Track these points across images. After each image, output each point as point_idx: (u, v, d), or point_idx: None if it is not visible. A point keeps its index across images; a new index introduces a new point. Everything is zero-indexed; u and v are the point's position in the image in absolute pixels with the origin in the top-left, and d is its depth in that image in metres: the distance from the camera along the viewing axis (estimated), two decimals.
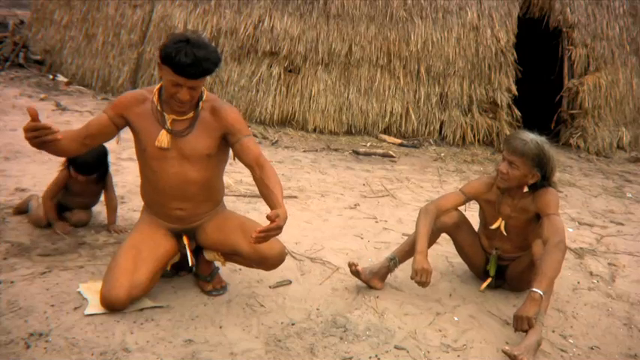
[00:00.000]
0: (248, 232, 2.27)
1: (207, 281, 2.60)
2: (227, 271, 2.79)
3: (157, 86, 2.40)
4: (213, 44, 2.26)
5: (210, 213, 2.54)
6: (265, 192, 2.28)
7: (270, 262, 2.45)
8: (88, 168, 3.00)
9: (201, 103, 2.37)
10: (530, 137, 2.57)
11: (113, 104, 2.40)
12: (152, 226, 2.49)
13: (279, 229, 2.07)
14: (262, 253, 2.38)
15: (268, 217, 2.05)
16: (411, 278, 2.55)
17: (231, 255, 2.51)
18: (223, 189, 2.64)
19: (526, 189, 2.69)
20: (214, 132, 2.38)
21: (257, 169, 2.33)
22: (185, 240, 2.54)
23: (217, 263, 2.64)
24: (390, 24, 6.70)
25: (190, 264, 2.57)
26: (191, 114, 2.37)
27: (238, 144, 2.37)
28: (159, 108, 2.36)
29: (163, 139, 2.34)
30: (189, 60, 2.13)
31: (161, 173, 2.39)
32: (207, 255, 2.60)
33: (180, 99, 2.25)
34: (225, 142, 2.42)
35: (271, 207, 2.20)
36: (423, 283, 2.53)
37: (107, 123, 2.37)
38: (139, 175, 2.52)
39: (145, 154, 2.41)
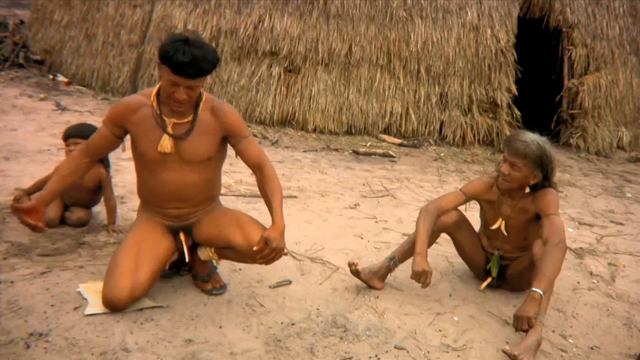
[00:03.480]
0: (242, 227, 2.39)
1: (205, 281, 2.60)
2: (227, 271, 2.79)
3: (155, 89, 2.37)
4: (212, 44, 2.29)
5: (207, 209, 2.54)
6: (265, 200, 2.42)
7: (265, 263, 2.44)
8: (75, 136, 3.10)
9: (201, 105, 2.37)
10: (532, 138, 2.57)
11: (109, 115, 2.39)
12: (150, 225, 2.49)
13: (275, 251, 2.23)
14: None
15: (259, 243, 2.23)
16: (411, 278, 2.55)
17: (225, 249, 2.49)
18: (220, 185, 2.64)
19: (527, 190, 2.70)
20: (214, 134, 2.39)
21: (257, 172, 2.44)
22: (182, 236, 2.53)
23: (214, 262, 2.64)
24: (390, 24, 6.70)
25: (187, 260, 2.57)
26: (190, 116, 2.36)
27: (238, 146, 2.42)
28: (158, 112, 2.34)
29: (166, 144, 2.33)
30: (186, 59, 2.13)
31: (160, 177, 2.39)
32: (202, 254, 2.57)
33: (177, 98, 2.24)
34: (225, 141, 2.44)
35: (271, 219, 2.32)
36: (423, 284, 2.53)
37: (108, 135, 2.40)
38: (136, 175, 2.52)
39: (144, 158, 2.40)
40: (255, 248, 2.24)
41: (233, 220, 2.47)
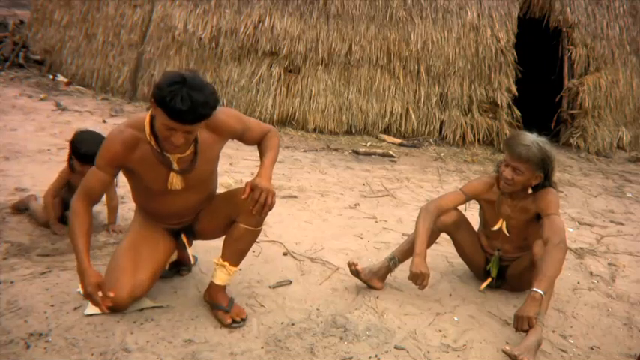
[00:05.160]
0: (231, 196, 2.35)
1: (226, 312, 2.35)
2: None
3: (146, 121, 2.18)
4: (210, 85, 2.08)
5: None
6: (260, 158, 2.35)
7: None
8: (92, 158, 2.99)
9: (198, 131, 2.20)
10: (532, 140, 2.56)
11: (108, 158, 2.19)
12: (149, 225, 2.47)
13: (263, 191, 2.12)
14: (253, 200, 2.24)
15: (244, 191, 2.13)
16: (409, 279, 2.56)
17: (232, 235, 2.37)
18: (217, 181, 2.58)
19: (530, 191, 2.69)
20: (216, 146, 2.32)
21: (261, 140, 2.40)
22: (184, 238, 2.52)
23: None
24: (390, 24, 6.70)
25: (191, 262, 2.56)
26: (192, 148, 2.24)
27: (244, 138, 2.38)
28: (159, 150, 2.19)
29: (176, 181, 2.25)
30: (185, 106, 1.95)
31: (163, 204, 2.35)
32: (218, 278, 2.39)
33: (173, 143, 2.08)
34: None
35: None
36: (420, 286, 2.54)
37: (107, 179, 2.23)
38: (131, 191, 2.45)
39: (148, 192, 2.33)
40: (242, 197, 2.14)
41: (224, 199, 2.43)
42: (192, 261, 2.61)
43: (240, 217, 2.32)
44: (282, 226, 3.54)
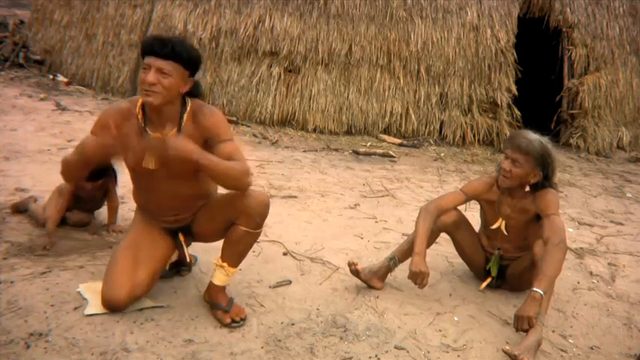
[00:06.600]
0: (232, 199, 2.30)
1: (226, 312, 2.35)
2: None
3: (140, 99, 2.26)
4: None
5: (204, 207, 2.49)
6: None
7: (254, 210, 2.27)
8: (93, 174, 3.01)
9: (185, 116, 2.25)
10: (534, 137, 2.59)
11: (102, 123, 2.25)
12: (148, 225, 2.47)
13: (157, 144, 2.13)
14: (246, 203, 2.25)
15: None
16: (408, 278, 2.56)
17: (231, 237, 2.35)
18: (216, 185, 2.53)
19: (527, 188, 2.70)
20: (199, 141, 2.24)
21: None
22: (181, 237, 2.52)
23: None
24: (390, 24, 6.70)
25: (188, 260, 2.55)
26: (174, 130, 2.23)
27: (214, 149, 2.21)
28: (143, 124, 2.26)
29: (149, 159, 2.25)
30: (158, 39, 2.18)
31: (154, 190, 2.36)
32: (217, 279, 2.38)
33: (144, 80, 2.12)
34: None
35: None
36: (420, 285, 2.54)
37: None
38: (131, 182, 2.48)
39: (133, 172, 2.37)
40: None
41: (223, 201, 2.39)
42: (192, 261, 2.61)
43: (240, 219, 2.30)
44: (282, 226, 3.54)
